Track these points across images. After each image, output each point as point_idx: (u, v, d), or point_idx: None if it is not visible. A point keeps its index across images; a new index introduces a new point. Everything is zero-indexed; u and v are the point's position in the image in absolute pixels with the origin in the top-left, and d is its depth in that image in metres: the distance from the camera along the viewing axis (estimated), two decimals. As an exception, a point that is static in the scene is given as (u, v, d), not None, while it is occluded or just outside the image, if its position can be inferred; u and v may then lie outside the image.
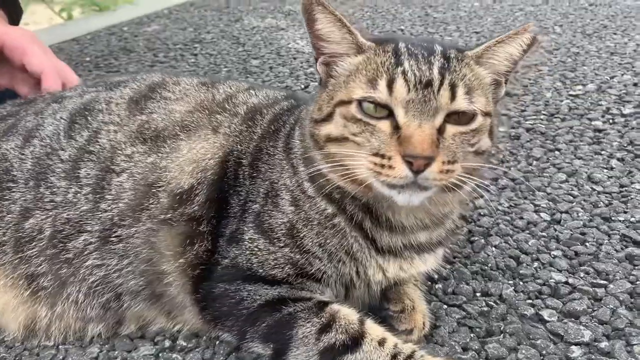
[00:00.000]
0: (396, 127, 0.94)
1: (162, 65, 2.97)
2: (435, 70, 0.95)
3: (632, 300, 1.28)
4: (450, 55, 1.00)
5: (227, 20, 3.89)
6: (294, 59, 3.03)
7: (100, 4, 4.46)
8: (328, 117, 1.02)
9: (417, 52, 0.98)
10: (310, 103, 1.12)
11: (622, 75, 2.67)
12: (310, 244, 1.07)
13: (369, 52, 1.02)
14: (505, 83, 1.08)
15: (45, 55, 1.58)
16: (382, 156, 0.93)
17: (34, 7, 4.69)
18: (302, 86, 2.61)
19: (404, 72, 0.95)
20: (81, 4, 4.68)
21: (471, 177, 1.00)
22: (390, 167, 0.92)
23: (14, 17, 1.85)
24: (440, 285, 1.33)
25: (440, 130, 0.95)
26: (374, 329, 1.03)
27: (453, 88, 0.95)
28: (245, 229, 1.10)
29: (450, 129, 0.96)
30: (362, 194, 1.04)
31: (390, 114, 0.95)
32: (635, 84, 2.55)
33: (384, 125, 0.95)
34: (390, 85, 0.94)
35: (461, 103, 0.95)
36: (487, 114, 0.99)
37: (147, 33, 3.60)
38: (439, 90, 0.94)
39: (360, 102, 0.97)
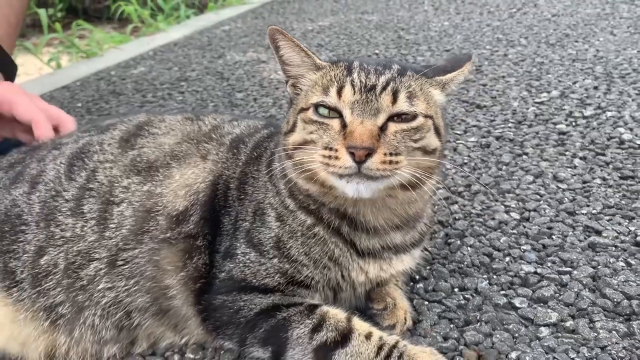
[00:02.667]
0: (344, 126, 1.09)
1: (151, 105, 3.10)
2: (382, 79, 1.12)
3: (594, 283, 1.41)
4: (407, 72, 1.16)
5: (210, 57, 4.05)
6: (277, 89, 3.17)
7: (87, 51, 4.62)
8: (293, 127, 1.18)
9: (369, 68, 1.15)
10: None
11: (584, 80, 2.84)
12: (296, 253, 1.20)
13: (325, 69, 1.20)
14: None
15: (33, 104, 1.69)
16: (331, 149, 1.08)
17: (23, 58, 4.83)
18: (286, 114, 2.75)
19: (352, 80, 1.12)
20: (68, 52, 4.83)
21: (426, 174, 1.13)
22: (336, 157, 1.06)
23: (9, 74, 1.98)
24: (421, 285, 1.46)
25: (383, 128, 1.09)
26: (360, 325, 1.15)
27: (395, 93, 1.10)
28: (238, 244, 1.23)
29: (392, 127, 1.10)
30: (321, 194, 1.18)
31: (340, 116, 1.11)
32: (595, 87, 2.72)
33: (335, 123, 1.10)
34: (339, 91, 1.11)
35: (402, 105, 1.10)
36: (428, 116, 1.14)
37: (134, 75, 3.74)
38: (381, 93, 1.09)
39: (316, 107, 1.13)
